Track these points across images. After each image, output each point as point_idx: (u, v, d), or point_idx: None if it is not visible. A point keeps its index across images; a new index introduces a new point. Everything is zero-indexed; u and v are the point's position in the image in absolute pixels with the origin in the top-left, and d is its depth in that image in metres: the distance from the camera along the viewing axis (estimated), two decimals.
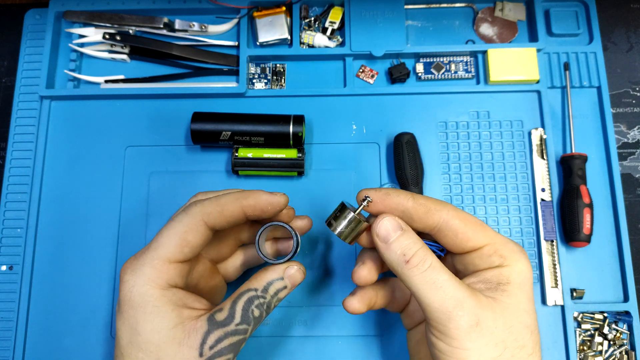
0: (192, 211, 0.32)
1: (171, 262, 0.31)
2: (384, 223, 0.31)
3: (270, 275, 0.33)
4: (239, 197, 0.33)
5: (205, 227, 0.32)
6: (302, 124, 0.43)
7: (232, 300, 0.32)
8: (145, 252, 0.31)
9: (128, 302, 0.30)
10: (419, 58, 0.48)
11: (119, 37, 0.48)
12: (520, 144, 0.46)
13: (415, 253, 0.30)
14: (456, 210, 0.32)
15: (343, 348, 0.42)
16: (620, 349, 0.42)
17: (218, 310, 0.32)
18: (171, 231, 0.32)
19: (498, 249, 0.31)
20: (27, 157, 0.46)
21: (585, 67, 0.47)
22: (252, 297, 0.32)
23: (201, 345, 0.30)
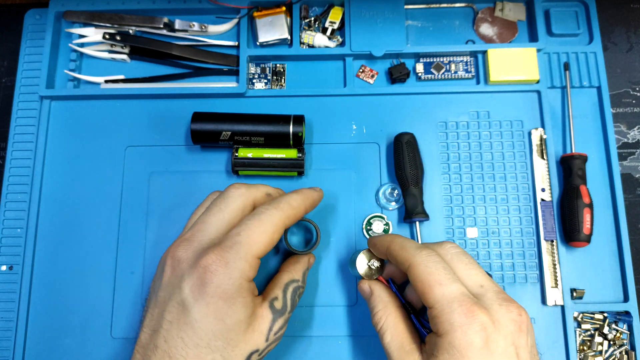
0: (276, 214, 0.34)
1: (259, 258, 0.33)
2: (360, 287, 0.38)
3: (303, 266, 0.39)
4: (304, 199, 0.37)
5: (284, 229, 0.35)
6: (302, 124, 0.43)
7: (282, 289, 0.36)
8: (235, 246, 0.32)
9: (221, 294, 0.31)
10: (419, 58, 0.48)
11: (119, 37, 0.48)
12: (520, 144, 0.46)
13: (374, 315, 0.36)
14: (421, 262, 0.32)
15: (343, 348, 0.42)
16: (620, 349, 0.42)
17: (274, 298, 0.35)
18: (262, 229, 0.33)
19: (435, 316, 0.30)
20: (27, 157, 0.46)
21: (585, 67, 0.47)
22: (296, 288, 0.37)
23: (268, 331, 0.34)
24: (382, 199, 0.44)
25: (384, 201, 0.44)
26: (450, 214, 0.45)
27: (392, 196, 0.44)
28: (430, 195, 0.45)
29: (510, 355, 0.29)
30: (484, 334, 0.29)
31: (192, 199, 0.44)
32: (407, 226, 0.44)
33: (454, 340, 0.29)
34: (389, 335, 0.34)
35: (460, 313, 0.29)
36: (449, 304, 0.30)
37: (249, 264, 0.32)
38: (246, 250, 0.32)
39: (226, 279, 0.31)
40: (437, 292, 0.31)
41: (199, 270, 0.31)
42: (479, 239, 0.44)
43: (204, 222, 0.35)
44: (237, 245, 0.32)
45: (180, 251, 0.33)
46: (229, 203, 0.35)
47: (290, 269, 0.38)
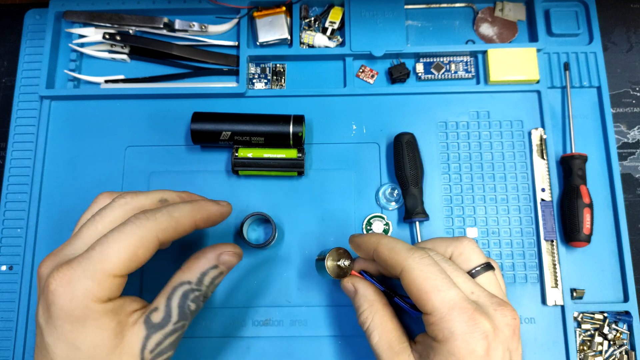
0: (146, 225, 0.30)
1: (115, 277, 0.29)
2: (344, 285, 0.36)
3: (204, 265, 0.32)
4: (191, 210, 0.32)
5: (157, 244, 0.30)
6: (302, 124, 0.43)
7: (167, 297, 0.31)
8: (83, 262, 0.28)
9: (65, 316, 0.28)
10: (419, 58, 0.48)
11: (119, 37, 0.48)
12: (520, 144, 0.46)
13: (360, 314, 0.35)
14: (415, 266, 0.30)
15: (343, 348, 0.42)
16: (620, 349, 0.42)
17: (153, 309, 0.31)
18: (120, 244, 0.29)
19: (434, 323, 0.29)
20: (27, 157, 0.46)
21: (585, 67, 0.47)
22: (187, 292, 0.31)
23: (142, 351, 0.30)
24: (382, 199, 0.44)
25: (384, 201, 0.44)
26: (450, 214, 0.45)
27: (392, 196, 0.44)
28: (430, 195, 0.45)
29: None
30: (486, 342, 0.28)
31: None
32: (407, 226, 0.44)
33: (453, 348, 0.28)
34: (377, 335, 0.33)
35: (461, 321, 0.29)
36: (449, 311, 0.29)
37: (98, 283, 0.28)
38: (95, 267, 0.28)
39: (67, 300, 0.28)
40: (436, 298, 0.29)
41: (44, 291, 0.28)
42: (479, 239, 0.44)
43: (76, 235, 0.31)
44: (85, 262, 0.28)
45: (42, 267, 0.30)
46: (107, 213, 0.31)
47: (183, 268, 0.32)
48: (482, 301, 0.31)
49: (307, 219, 0.44)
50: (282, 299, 0.43)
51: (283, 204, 0.45)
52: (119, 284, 0.29)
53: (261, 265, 0.43)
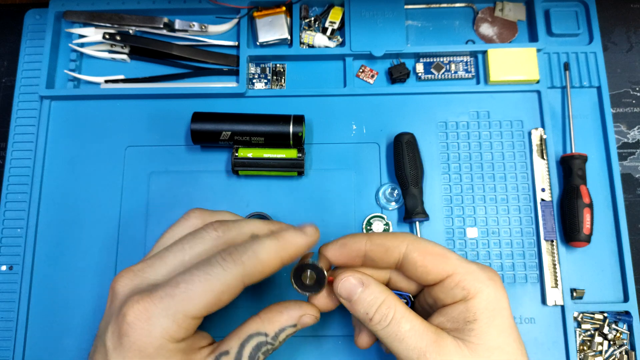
0: (233, 271, 0.28)
1: (195, 318, 0.28)
2: (344, 284, 0.31)
3: (285, 321, 0.31)
4: (278, 250, 0.30)
5: (241, 288, 0.29)
6: (302, 124, 0.43)
7: (240, 343, 0.30)
8: (165, 299, 0.27)
9: (137, 351, 0.27)
10: (419, 58, 0.48)
11: (119, 37, 0.48)
12: (520, 144, 0.46)
13: (377, 310, 0.30)
14: (415, 242, 0.31)
15: (343, 348, 0.42)
16: (620, 349, 0.42)
17: (224, 353, 0.30)
18: (206, 287, 0.28)
19: (460, 280, 0.30)
20: (27, 157, 0.46)
21: (585, 67, 0.47)
22: (261, 343, 0.30)
23: None
24: (382, 199, 0.44)
25: (384, 201, 0.44)
26: (450, 214, 0.45)
27: (392, 196, 0.44)
28: (430, 195, 0.45)
29: None
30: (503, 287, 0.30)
31: (192, 199, 0.44)
32: (407, 226, 0.44)
33: (489, 296, 0.29)
34: (408, 324, 0.29)
35: (482, 271, 0.30)
36: (469, 265, 0.30)
37: (177, 324, 0.27)
38: (178, 308, 0.27)
39: (143, 336, 0.27)
40: (453, 257, 0.30)
41: (119, 317, 0.27)
42: (479, 239, 0.44)
43: (160, 257, 0.30)
44: (167, 299, 0.27)
45: (120, 284, 0.29)
46: (197, 244, 0.30)
47: (263, 317, 0.31)
48: None
49: (307, 219, 0.44)
50: (282, 299, 0.43)
51: (283, 204, 0.45)
52: (196, 324, 0.29)
53: None
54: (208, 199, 0.45)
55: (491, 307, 0.29)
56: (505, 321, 0.29)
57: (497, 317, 0.29)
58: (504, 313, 0.29)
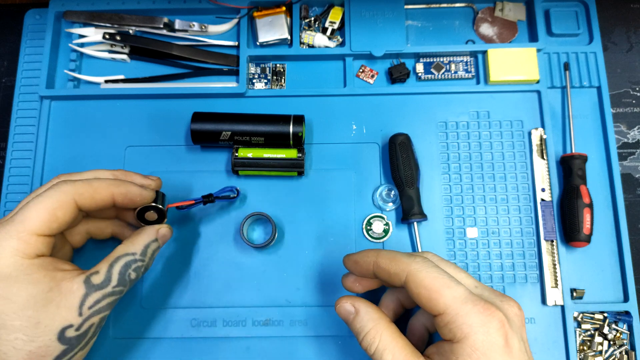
0: (63, 189, 0.33)
1: (39, 236, 0.32)
2: (339, 309, 0.34)
3: (147, 238, 0.36)
4: (110, 184, 0.35)
5: (75, 207, 0.33)
6: (302, 124, 0.43)
7: (109, 263, 0.34)
8: (8, 224, 0.32)
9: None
10: (419, 58, 0.48)
11: (119, 37, 0.48)
12: (520, 144, 0.46)
13: (364, 337, 0.32)
14: (414, 273, 0.30)
15: (343, 348, 0.42)
16: (620, 349, 0.42)
17: (94, 272, 0.33)
18: (40, 205, 0.32)
19: (448, 322, 0.29)
20: (27, 157, 0.46)
21: (585, 67, 0.47)
22: (130, 262, 0.35)
23: (80, 306, 0.32)
24: (379, 200, 0.44)
25: (380, 202, 0.44)
26: (450, 214, 0.45)
27: (388, 197, 0.44)
28: (429, 195, 0.45)
29: (522, 351, 0.29)
30: (504, 332, 0.28)
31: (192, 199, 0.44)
32: (406, 227, 0.44)
33: (476, 342, 0.28)
34: (389, 355, 0.31)
35: (477, 313, 0.28)
36: (463, 305, 0.29)
37: (22, 241, 0.31)
38: (18, 227, 0.31)
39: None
40: (447, 295, 0.29)
41: None
42: (479, 239, 0.44)
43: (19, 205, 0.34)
44: (8, 224, 0.32)
45: None
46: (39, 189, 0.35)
47: (126, 242, 0.36)
48: (487, 295, 0.31)
49: (307, 219, 0.44)
50: (282, 299, 0.43)
51: (283, 204, 0.45)
52: (46, 243, 0.33)
53: (261, 265, 0.43)
54: None
55: (476, 354, 0.28)
56: None
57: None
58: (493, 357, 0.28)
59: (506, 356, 0.28)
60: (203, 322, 0.42)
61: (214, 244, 0.44)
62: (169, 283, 0.43)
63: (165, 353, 0.42)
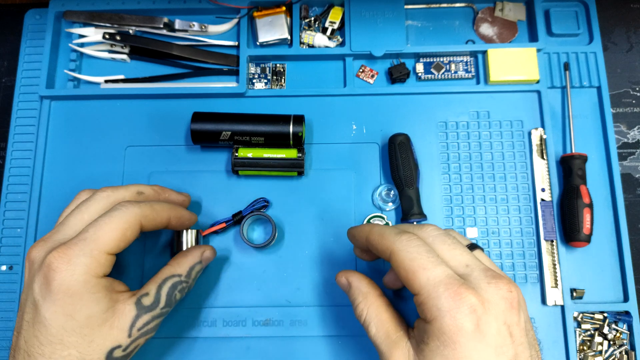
0: (132, 210, 0.34)
1: (108, 254, 0.33)
2: (338, 282, 0.37)
3: (192, 260, 0.38)
4: (169, 208, 0.37)
5: (139, 228, 0.35)
6: (302, 124, 0.43)
7: (157, 285, 0.36)
8: (79, 243, 0.32)
9: (65, 290, 0.31)
10: (419, 58, 0.48)
11: (119, 37, 0.48)
12: (520, 144, 0.46)
13: (355, 308, 0.35)
14: (396, 253, 0.31)
15: (343, 348, 0.42)
16: (620, 349, 0.42)
17: (144, 294, 0.35)
18: (112, 225, 0.33)
19: (421, 303, 0.29)
20: (27, 157, 0.46)
21: (585, 67, 0.47)
22: (176, 283, 0.36)
23: (130, 327, 0.33)
24: (378, 200, 0.44)
25: (380, 202, 0.44)
26: (450, 214, 0.45)
27: (388, 197, 0.44)
28: (429, 195, 0.45)
29: (503, 336, 0.28)
30: (474, 317, 0.28)
31: (192, 199, 0.44)
32: None
33: (443, 326, 0.28)
34: (374, 327, 0.33)
35: (447, 297, 0.28)
36: (434, 288, 0.29)
37: (95, 259, 0.32)
38: (92, 246, 0.32)
39: (68, 276, 0.31)
40: (422, 277, 0.29)
41: (44, 268, 0.32)
42: (479, 239, 0.44)
43: (63, 223, 0.35)
44: (81, 242, 0.32)
45: (34, 252, 0.33)
46: (92, 204, 0.35)
47: (173, 263, 0.37)
48: (476, 274, 0.30)
49: (307, 219, 0.44)
50: (282, 299, 0.43)
51: (283, 204, 0.45)
52: (111, 261, 0.34)
53: (261, 265, 0.43)
54: (208, 199, 0.45)
55: (443, 337, 0.28)
56: (455, 355, 0.28)
57: (446, 348, 0.28)
58: (459, 347, 0.28)
59: (476, 341, 0.28)
60: (203, 322, 0.42)
61: (214, 244, 0.44)
62: None
63: (166, 353, 0.42)
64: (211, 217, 0.44)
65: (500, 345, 0.28)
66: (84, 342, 0.32)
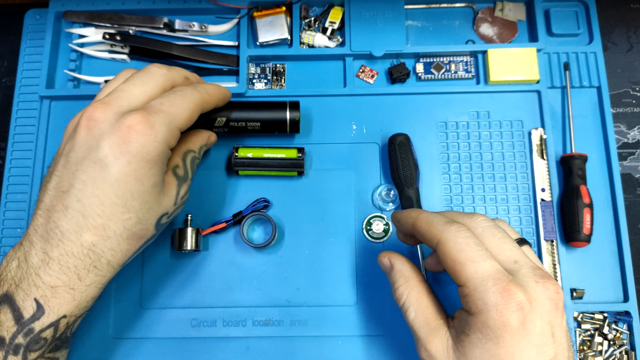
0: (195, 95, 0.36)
1: (179, 131, 0.35)
2: (380, 263, 0.37)
3: (202, 140, 0.40)
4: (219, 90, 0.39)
5: (200, 111, 0.37)
6: (298, 109, 0.43)
7: (182, 158, 0.37)
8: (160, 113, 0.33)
9: (144, 155, 0.32)
10: (419, 58, 0.48)
11: (119, 37, 0.48)
12: (520, 144, 0.46)
13: (395, 291, 0.35)
14: (442, 243, 0.30)
15: (343, 348, 0.42)
16: (620, 349, 0.42)
17: (176, 166, 0.37)
18: (185, 105, 0.34)
19: (466, 295, 0.29)
20: (27, 157, 0.46)
21: (585, 67, 0.47)
22: (194, 158, 0.39)
23: (176, 195, 0.36)
24: (378, 200, 0.44)
25: (380, 202, 0.44)
26: None
27: (388, 197, 0.44)
28: (429, 195, 0.45)
29: (546, 335, 0.28)
30: (521, 314, 0.28)
31: (191, 199, 0.44)
32: None
33: (488, 320, 0.28)
34: (413, 312, 0.33)
35: (495, 292, 0.28)
36: (482, 282, 0.28)
37: (171, 132, 0.33)
38: (170, 119, 0.33)
39: (150, 141, 0.32)
40: (470, 269, 0.29)
41: (122, 129, 0.31)
42: None
43: (124, 90, 0.34)
44: (162, 113, 0.33)
45: (97, 112, 0.32)
46: (151, 78, 0.35)
47: (187, 140, 0.39)
48: (525, 272, 0.30)
49: (307, 219, 0.44)
50: (282, 299, 0.43)
51: (283, 204, 0.45)
52: (178, 137, 0.35)
53: (261, 265, 0.43)
54: (208, 198, 0.45)
55: (486, 330, 0.28)
56: (497, 350, 0.28)
57: (489, 342, 0.28)
58: (502, 342, 0.28)
59: (520, 338, 0.28)
60: (203, 322, 0.42)
61: (214, 244, 0.44)
62: (169, 283, 0.43)
63: (165, 353, 0.42)
64: (211, 217, 0.44)
65: (543, 344, 0.28)
66: (144, 208, 0.33)
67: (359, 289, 0.43)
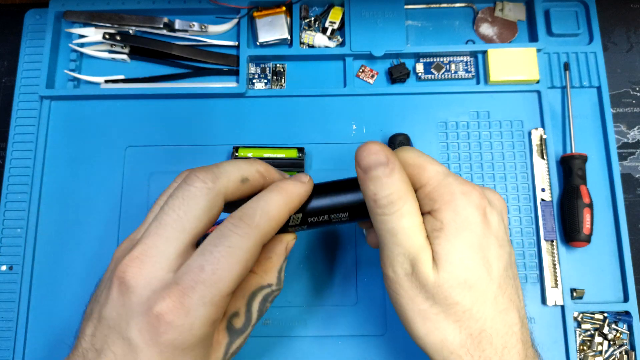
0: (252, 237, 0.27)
1: (229, 295, 0.27)
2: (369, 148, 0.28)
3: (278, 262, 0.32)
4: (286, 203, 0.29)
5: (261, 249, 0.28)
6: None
7: (247, 302, 0.30)
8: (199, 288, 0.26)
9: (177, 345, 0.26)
10: (419, 58, 0.48)
11: (119, 37, 0.48)
12: (520, 144, 0.46)
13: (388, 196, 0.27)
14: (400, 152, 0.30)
15: (343, 348, 0.42)
16: (620, 349, 0.42)
17: (234, 315, 0.29)
18: (232, 261, 0.26)
19: (430, 192, 0.28)
20: (27, 157, 0.46)
21: (585, 67, 0.47)
22: (267, 295, 0.31)
23: (224, 355, 0.29)
24: None
25: None
26: None
27: None
28: None
29: (501, 232, 0.29)
30: (484, 204, 0.28)
31: None
32: None
33: (458, 207, 0.27)
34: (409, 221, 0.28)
35: (457, 184, 0.28)
36: (445, 176, 0.28)
37: (215, 307, 0.26)
38: (213, 291, 0.26)
39: (185, 332, 0.25)
40: (431, 169, 0.28)
41: (151, 317, 0.25)
42: None
43: (157, 233, 0.27)
44: (200, 287, 0.25)
45: (129, 275, 0.26)
46: (190, 206, 0.27)
47: (259, 271, 0.31)
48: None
49: None
50: (282, 299, 0.43)
51: None
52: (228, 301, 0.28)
53: None
54: None
55: (460, 219, 0.27)
56: (475, 238, 0.27)
57: (465, 230, 0.27)
58: (474, 229, 0.27)
59: (485, 227, 0.28)
60: None
61: None
62: None
63: None
64: None
65: (501, 237, 0.29)
66: None
67: (359, 289, 0.43)
